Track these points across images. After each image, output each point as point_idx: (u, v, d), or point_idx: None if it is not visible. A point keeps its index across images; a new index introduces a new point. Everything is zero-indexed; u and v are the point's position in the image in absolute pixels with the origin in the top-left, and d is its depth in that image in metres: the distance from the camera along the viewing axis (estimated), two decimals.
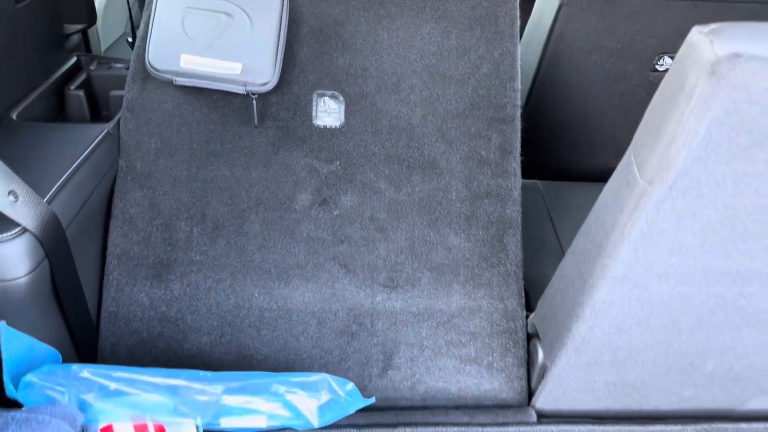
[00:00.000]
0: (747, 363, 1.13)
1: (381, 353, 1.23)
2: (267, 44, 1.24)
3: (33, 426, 0.84)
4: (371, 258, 1.30)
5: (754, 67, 0.67)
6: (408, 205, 1.33)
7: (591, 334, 1.04)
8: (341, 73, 1.36)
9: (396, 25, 1.38)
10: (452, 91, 1.37)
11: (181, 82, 1.24)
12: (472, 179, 1.35)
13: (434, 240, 1.32)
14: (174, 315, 1.22)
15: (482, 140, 1.36)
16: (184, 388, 1.01)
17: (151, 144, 1.30)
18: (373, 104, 1.36)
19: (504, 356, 1.25)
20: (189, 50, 1.22)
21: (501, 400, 1.23)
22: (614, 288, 0.95)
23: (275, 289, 1.26)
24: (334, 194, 1.32)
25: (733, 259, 0.91)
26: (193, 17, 1.23)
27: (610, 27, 1.67)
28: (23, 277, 0.94)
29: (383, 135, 1.36)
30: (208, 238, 1.27)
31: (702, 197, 0.81)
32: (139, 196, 1.27)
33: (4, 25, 1.23)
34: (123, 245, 1.25)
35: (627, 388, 1.18)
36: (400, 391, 1.21)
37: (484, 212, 1.34)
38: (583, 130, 1.96)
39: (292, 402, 1.04)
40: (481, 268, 1.31)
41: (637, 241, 0.87)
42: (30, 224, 0.92)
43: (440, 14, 1.39)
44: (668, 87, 0.77)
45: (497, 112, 1.38)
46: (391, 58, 1.37)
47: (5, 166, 0.90)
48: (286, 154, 1.33)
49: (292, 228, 1.30)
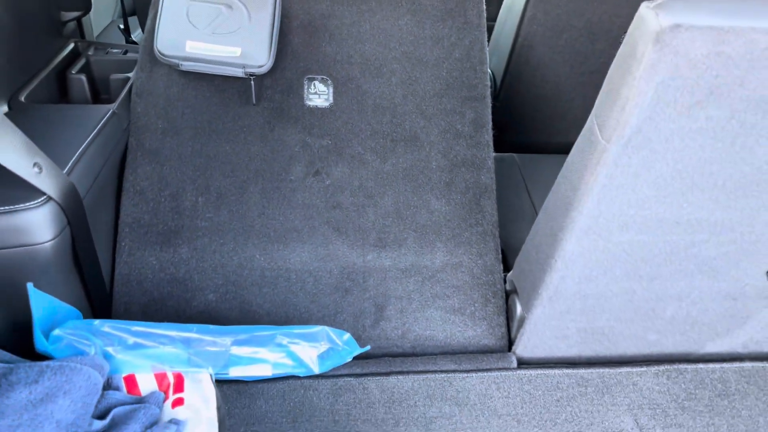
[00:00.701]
0: (702, 308, 1.26)
1: (373, 306, 1.35)
2: (263, 31, 1.39)
3: (67, 373, 0.94)
4: (361, 221, 1.43)
5: (692, 36, 0.78)
6: (393, 175, 1.46)
7: (563, 283, 1.16)
8: (329, 60, 1.50)
9: (377, 18, 1.53)
10: (429, 74, 1.53)
11: (187, 66, 1.37)
12: (450, 150, 1.49)
13: (418, 204, 1.45)
14: (182, 276, 1.33)
15: (457, 116, 1.52)
16: (197, 340, 1.11)
17: (159, 124, 1.42)
18: (359, 87, 1.50)
19: (485, 306, 1.38)
20: (193, 37, 1.36)
21: (483, 345, 1.35)
22: (582, 239, 1.07)
23: (275, 251, 1.37)
24: (326, 166, 1.45)
25: (684, 210, 1.03)
26: (197, 8, 1.38)
27: (579, 8, 1.77)
28: (48, 242, 1.03)
29: (368, 113, 1.49)
30: (212, 206, 1.38)
31: (654, 153, 0.93)
32: (148, 170, 1.39)
33: (10, 12, 1.31)
34: (134, 214, 1.36)
35: (597, 334, 1.30)
36: (392, 340, 1.33)
37: (462, 179, 1.48)
38: (555, 105, 2.07)
39: (295, 352, 1.14)
40: (461, 228, 1.45)
41: (600, 195, 0.99)
42: (53, 193, 1.01)
43: (415, 8, 1.55)
44: (622, 55, 0.88)
45: (470, 92, 1.54)
46: (373, 47, 1.52)
47: (29, 140, 0.99)
48: (281, 131, 1.45)
49: (289, 196, 1.42)
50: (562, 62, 1.93)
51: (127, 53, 1.63)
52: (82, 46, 1.64)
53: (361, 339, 1.32)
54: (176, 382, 1.06)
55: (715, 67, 0.81)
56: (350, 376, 1.25)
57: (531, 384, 1.28)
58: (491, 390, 1.26)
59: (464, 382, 1.26)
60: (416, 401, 1.23)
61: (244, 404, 1.19)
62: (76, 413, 0.91)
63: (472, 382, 1.26)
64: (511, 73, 1.97)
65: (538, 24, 1.82)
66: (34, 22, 1.42)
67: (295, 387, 1.22)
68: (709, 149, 0.92)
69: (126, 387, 1.05)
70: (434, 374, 1.27)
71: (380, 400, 1.22)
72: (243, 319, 1.31)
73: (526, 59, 1.92)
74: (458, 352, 1.34)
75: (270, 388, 1.21)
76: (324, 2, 1.53)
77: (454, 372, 1.28)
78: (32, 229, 1.00)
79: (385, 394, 1.23)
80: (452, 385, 1.26)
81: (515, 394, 1.25)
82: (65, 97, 1.53)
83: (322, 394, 1.21)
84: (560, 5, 1.77)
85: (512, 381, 1.27)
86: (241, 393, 1.20)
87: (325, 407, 1.20)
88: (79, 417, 0.91)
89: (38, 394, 0.91)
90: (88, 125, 1.24)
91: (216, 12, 1.38)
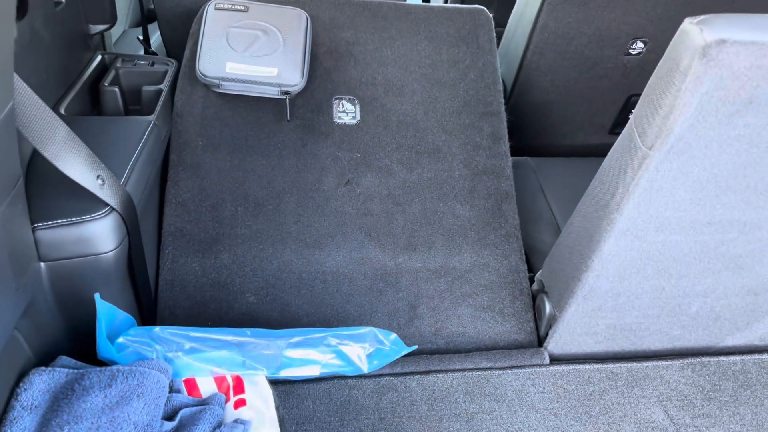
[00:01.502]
0: (725, 303, 1.32)
1: (406, 306, 1.42)
2: (297, 54, 1.52)
3: (138, 376, 0.98)
4: (391, 227, 1.51)
5: (736, 50, 0.84)
6: (419, 183, 1.56)
7: (597, 282, 1.22)
8: (354, 82, 1.63)
9: (397, 44, 1.68)
10: (447, 93, 1.66)
11: (227, 87, 1.49)
12: (471, 160, 1.60)
13: (444, 210, 1.54)
14: (224, 280, 1.39)
15: (476, 130, 1.64)
16: (251, 344, 1.15)
17: (198, 141, 1.51)
18: (383, 105, 1.62)
19: (513, 303, 1.46)
20: (233, 59, 1.48)
21: (514, 340, 1.42)
22: (619, 240, 1.13)
23: (311, 256, 1.45)
24: (356, 176, 1.54)
25: (717, 210, 1.09)
26: (235, 34, 1.50)
27: (588, 16, 1.84)
28: (111, 252, 1.06)
29: (393, 129, 1.61)
30: (251, 215, 1.45)
31: (693, 158, 0.99)
32: (189, 184, 1.46)
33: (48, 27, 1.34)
34: (177, 224, 1.42)
35: (625, 330, 1.36)
36: (426, 337, 1.40)
37: (483, 186, 1.58)
38: (564, 110, 2.14)
39: (345, 352, 1.19)
40: (485, 231, 1.54)
41: (640, 198, 1.05)
42: (115, 204, 1.05)
43: (432, 35, 1.71)
44: (664, 67, 0.94)
45: (486, 108, 1.67)
46: (394, 70, 1.66)
47: (92, 153, 1.02)
48: (313, 146, 1.56)
49: (322, 205, 1.49)
50: (571, 68, 2.00)
51: (155, 65, 1.66)
52: (108, 59, 1.67)
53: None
54: (236, 384, 1.10)
55: (756, 78, 0.87)
56: (391, 376, 1.30)
57: (564, 379, 1.33)
58: (527, 386, 1.31)
59: (500, 379, 1.31)
60: (456, 398, 1.28)
61: (292, 404, 1.23)
62: (150, 415, 0.95)
63: (508, 379, 1.32)
64: (522, 78, 2.03)
65: (550, 32, 1.88)
66: (67, 36, 1.45)
67: (340, 387, 1.26)
68: (745, 154, 0.99)
69: (186, 390, 1.09)
70: (471, 372, 1.32)
71: (422, 397, 1.27)
72: (283, 319, 1.37)
73: (536, 65, 1.99)
74: (490, 347, 1.41)
75: (316, 388, 1.25)
76: (349, 31, 1.67)
77: (490, 369, 1.33)
78: (97, 240, 1.04)
79: (427, 391, 1.28)
80: (489, 382, 1.31)
81: (550, 389, 1.31)
82: (96, 108, 1.56)
83: (367, 393, 1.26)
84: (571, 13, 1.83)
85: (546, 376, 1.33)
86: (289, 394, 1.24)
87: (370, 405, 1.24)
88: (152, 418, 0.95)
89: (113, 397, 0.94)
90: (134, 137, 1.27)
91: (253, 37, 1.50)
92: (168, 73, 1.62)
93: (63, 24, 1.42)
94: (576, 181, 1.79)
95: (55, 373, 0.97)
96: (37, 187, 1.04)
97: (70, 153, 0.97)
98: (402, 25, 1.70)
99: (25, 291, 0.95)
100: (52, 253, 1.01)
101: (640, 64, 1.99)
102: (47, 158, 0.94)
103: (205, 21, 1.52)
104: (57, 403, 0.93)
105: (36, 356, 1.02)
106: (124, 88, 1.61)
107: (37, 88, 0.92)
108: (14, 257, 0.90)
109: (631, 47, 1.95)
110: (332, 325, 1.38)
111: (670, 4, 1.83)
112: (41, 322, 1.03)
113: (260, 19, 1.54)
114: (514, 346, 1.41)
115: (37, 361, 1.02)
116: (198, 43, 1.50)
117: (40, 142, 0.93)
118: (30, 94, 0.91)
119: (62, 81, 1.42)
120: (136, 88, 1.59)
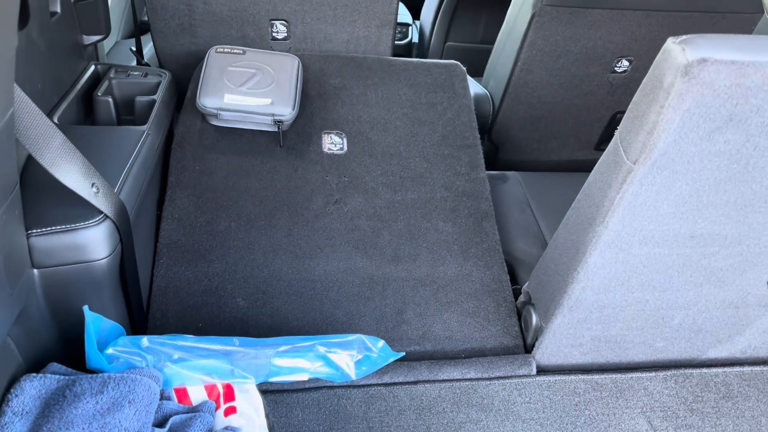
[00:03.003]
0: (707, 316, 1.35)
1: (393, 311, 1.47)
2: (289, 89, 1.71)
3: (129, 383, 0.98)
4: (378, 241, 1.57)
5: (717, 69, 0.87)
6: (403, 203, 1.66)
7: (583, 294, 1.24)
8: (342, 120, 1.81)
9: (380, 90, 1.89)
10: (427, 129, 1.83)
11: (225, 116, 1.65)
12: (451, 184, 1.71)
13: (427, 227, 1.63)
14: (215, 286, 1.44)
15: (455, 159, 1.78)
16: (239, 353, 1.16)
17: (196, 167, 1.64)
18: (368, 138, 1.78)
19: (497, 309, 1.51)
20: (230, 92, 1.65)
21: (500, 342, 1.45)
22: (604, 252, 1.15)
23: (300, 265, 1.50)
24: (344, 197, 1.63)
25: (699, 224, 1.12)
26: (233, 73, 1.69)
27: (575, 34, 1.89)
28: (104, 259, 1.07)
29: (378, 158, 1.74)
30: (243, 229, 1.52)
31: (675, 173, 1.02)
32: (186, 202, 1.54)
33: (43, 38, 1.35)
34: (172, 237, 1.48)
35: (609, 342, 1.38)
36: (413, 341, 1.43)
37: (464, 207, 1.68)
38: (549, 126, 2.18)
39: (333, 360, 1.20)
40: (467, 245, 1.61)
41: (625, 211, 1.07)
42: (109, 212, 1.06)
43: (412, 83, 1.93)
44: (648, 85, 0.97)
45: (463, 141, 1.83)
46: (378, 110, 1.84)
47: (87, 161, 1.04)
48: (304, 171, 1.68)
49: (312, 221, 1.57)
50: (558, 85, 2.04)
51: (148, 76, 1.68)
52: (102, 69, 1.69)
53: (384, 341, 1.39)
54: (226, 391, 1.10)
55: (736, 96, 0.91)
56: (380, 385, 1.31)
57: (550, 389, 1.35)
58: (513, 396, 1.33)
59: (488, 389, 1.33)
60: (444, 407, 1.29)
61: (281, 413, 1.23)
62: (141, 421, 0.96)
63: (495, 389, 1.33)
64: (510, 95, 2.07)
65: (538, 49, 1.92)
66: (62, 45, 1.46)
67: (329, 396, 1.27)
68: (725, 169, 1.02)
69: (177, 398, 1.09)
70: (459, 382, 1.34)
71: (410, 407, 1.28)
72: (273, 323, 1.41)
73: (524, 82, 2.03)
74: (477, 349, 1.44)
75: (305, 397, 1.26)
76: (336, 78, 1.89)
77: (477, 380, 1.35)
78: (90, 247, 1.05)
79: (414, 401, 1.29)
80: (476, 392, 1.32)
81: (536, 400, 1.33)
82: (90, 117, 1.57)
83: (355, 402, 1.27)
84: (559, 32, 1.88)
85: (533, 387, 1.35)
86: (278, 403, 1.25)
87: (359, 415, 1.25)
88: (143, 425, 0.96)
89: (105, 403, 0.95)
90: (128, 146, 1.29)
91: (249, 75, 1.69)
92: (161, 84, 1.63)
93: (58, 34, 1.43)
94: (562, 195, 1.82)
95: (46, 380, 0.97)
96: (31, 193, 1.05)
97: (66, 161, 0.98)
98: (384, 74, 1.92)
99: (19, 297, 0.96)
100: (46, 259, 1.02)
101: (625, 81, 2.03)
102: (43, 165, 0.95)
103: (206, 62, 1.71)
104: (48, 409, 0.94)
105: (27, 362, 1.02)
106: (117, 98, 1.63)
107: (32, 96, 0.93)
108: (9, 263, 0.91)
109: (616, 65, 2.00)
110: (321, 328, 1.41)
111: (654, 24, 1.88)
112: (33, 328, 1.04)
113: (256, 61, 1.73)
114: (501, 349, 1.44)
115: (28, 367, 1.03)
116: (199, 80, 1.67)
117: (37, 150, 0.94)
118: (27, 102, 0.92)
119: (56, 90, 1.43)
120: (129, 99, 1.60)
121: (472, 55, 3.22)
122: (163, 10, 1.87)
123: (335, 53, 1.97)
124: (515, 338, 1.46)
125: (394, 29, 2.02)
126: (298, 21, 1.94)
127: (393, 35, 2.03)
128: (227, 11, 1.90)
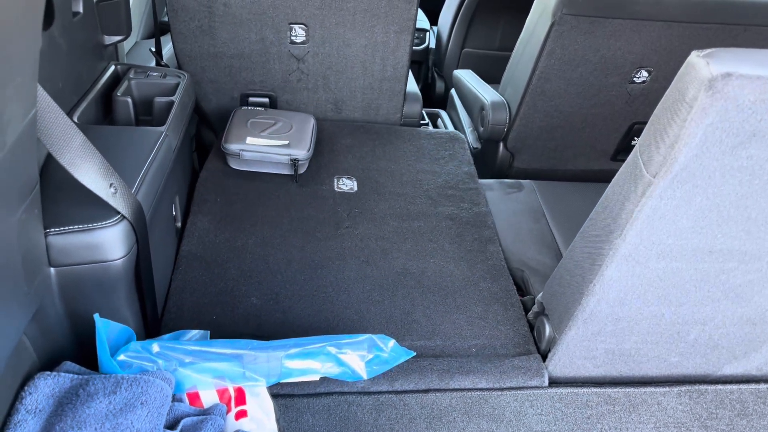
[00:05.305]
0: (723, 332, 1.34)
1: (402, 313, 1.50)
2: (306, 135, 1.96)
3: (142, 385, 0.99)
4: (387, 258, 1.65)
5: (741, 84, 0.86)
6: (410, 230, 1.76)
7: (598, 306, 1.23)
8: (352, 168, 2.01)
9: (387, 148, 2.12)
10: (430, 176, 2.02)
11: (246, 155, 1.87)
12: (456, 216, 1.86)
13: (434, 248, 1.71)
14: (231, 288, 1.49)
15: (458, 198, 1.93)
16: (251, 356, 1.16)
17: (217, 199, 1.80)
18: (377, 182, 1.96)
19: (506, 311, 1.54)
20: (252, 135, 1.90)
21: (510, 340, 1.46)
22: (621, 265, 1.14)
23: (313, 273, 1.56)
24: (354, 224, 1.78)
25: (718, 240, 1.10)
26: (255, 122, 1.95)
27: (594, 44, 1.87)
28: (120, 259, 1.07)
29: (387, 196, 1.90)
30: (259, 246, 1.63)
31: (696, 187, 1.01)
32: (206, 225, 1.70)
33: (65, 37, 1.36)
34: (192, 249, 1.59)
35: (623, 356, 1.37)
36: (422, 340, 1.44)
37: (469, 233, 1.77)
38: (568, 135, 2.17)
39: (344, 360, 1.20)
40: (474, 262, 1.68)
41: (643, 225, 1.06)
42: (126, 212, 1.06)
43: (416, 145, 2.17)
44: (670, 98, 0.96)
45: (465, 185, 2.00)
46: (385, 162, 2.06)
47: (106, 161, 1.04)
48: (317, 205, 1.83)
49: (324, 242, 1.66)
50: (576, 94, 2.03)
51: (167, 77, 1.69)
52: (121, 69, 1.70)
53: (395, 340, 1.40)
54: (237, 395, 1.10)
55: (760, 111, 0.89)
56: (390, 393, 1.30)
57: (562, 402, 1.34)
58: (525, 407, 1.32)
59: (499, 400, 1.32)
60: (455, 417, 1.28)
61: (291, 418, 1.23)
62: (152, 423, 0.96)
63: (506, 400, 1.32)
64: (527, 103, 2.06)
65: (556, 58, 1.91)
66: (83, 45, 1.47)
67: (339, 402, 1.27)
68: (747, 185, 1.00)
69: (188, 400, 1.09)
70: (470, 392, 1.33)
71: (420, 415, 1.28)
72: (286, 319, 1.45)
73: (542, 90, 2.02)
74: (487, 347, 1.45)
75: (315, 403, 1.26)
76: (347, 138, 2.14)
77: (489, 390, 1.34)
78: (107, 247, 1.05)
79: (425, 410, 1.29)
80: (488, 403, 1.31)
81: (548, 412, 1.32)
82: (108, 117, 1.58)
83: (366, 409, 1.27)
84: (578, 41, 1.87)
85: (544, 399, 1.34)
86: (288, 408, 1.25)
87: (369, 422, 1.25)
88: (155, 427, 0.96)
89: (117, 404, 0.95)
90: (145, 147, 1.29)
91: (269, 124, 1.94)
92: (180, 86, 1.64)
93: (80, 34, 1.44)
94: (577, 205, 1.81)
95: (60, 378, 0.98)
96: (49, 192, 1.06)
97: (85, 161, 0.99)
98: (391, 137, 2.17)
99: (35, 296, 0.96)
100: (62, 258, 1.03)
101: (644, 92, 2.02)
102: (63, 165, 0.96)
103: (232, 117, 1.96)
104: (61, 407, 0.94)
105: (41, 360, 1.03)
106: (136, 98, 1.64)
107: (52, 95, 0.94)
108: (27, 262, 0.91)
109: (635, 76, 1.98)
110: (332, 326, 1.44)
111: (675, 35, 1.87)
112: (48, 327, 1.04)
113: (276, 115, 2.01)
114: (512, 347, 1.45)
115: (42, 365, 1.03)
116: (225, 130, 1.90)
117: (57, 149, 0.95)
118: (49, 102, 0.93)
119: (76, 89, 1.44)
120: (148, 99, 1.61)
121: (489, 62, 3.22)
122: (184, 11, 1.88)
123: (350, 121, 2.23)
124: (524, 338, 1.47)
125: (412, 35, 2.02)
126: (317, 25, 1.95)
127: (411, 41, 2.03)
128: (246, 14, 1.91)
